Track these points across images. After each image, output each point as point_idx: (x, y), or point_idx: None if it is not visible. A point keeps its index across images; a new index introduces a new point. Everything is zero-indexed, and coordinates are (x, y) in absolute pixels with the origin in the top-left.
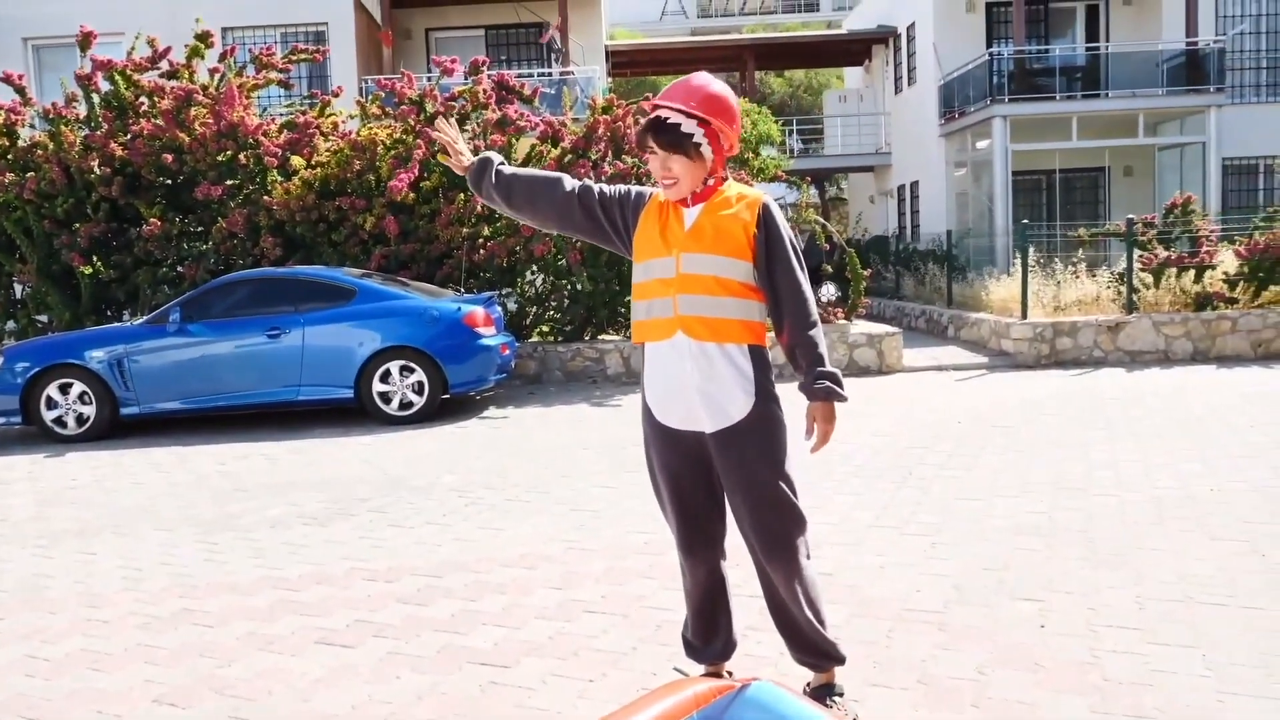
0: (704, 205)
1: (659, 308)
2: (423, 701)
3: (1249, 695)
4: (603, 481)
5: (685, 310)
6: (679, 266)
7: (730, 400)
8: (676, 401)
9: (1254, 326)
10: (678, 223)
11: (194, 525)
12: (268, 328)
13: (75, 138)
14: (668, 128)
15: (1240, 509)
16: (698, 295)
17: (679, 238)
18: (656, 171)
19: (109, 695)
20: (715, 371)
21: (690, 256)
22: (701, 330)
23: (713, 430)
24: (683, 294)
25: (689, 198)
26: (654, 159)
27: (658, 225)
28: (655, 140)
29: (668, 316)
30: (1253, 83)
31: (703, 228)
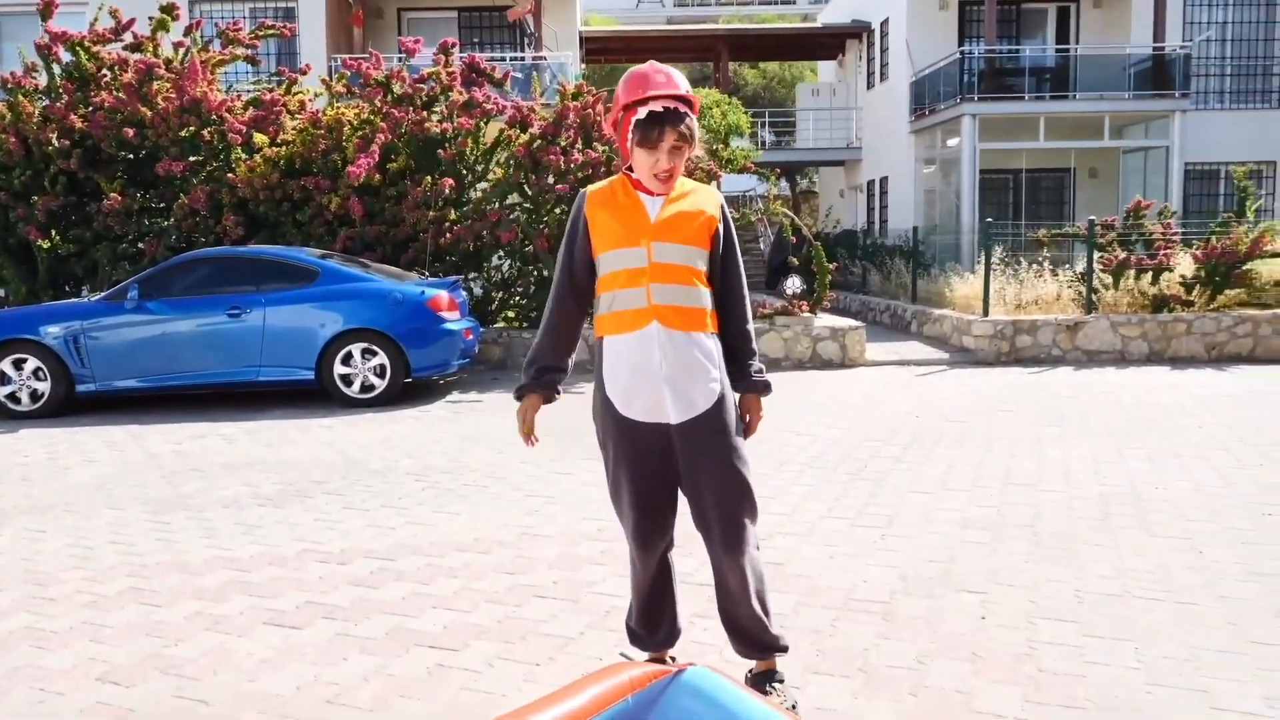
0: (666, 198)
1: (628, 298)
2: (369, 683)
3: (1176, 687)
4: (560, 468)
5: (660, 300)
6: (651, 255)
7: (698, 390)
8: (643, 394)
9: (1208, 329)
10: (639, 213)
11: (146, 504)
12: (228, 307)
13: (34, 109)
14: (681, 118)
15: (1183, 508)
16: (672, 285)
17: (647, 228)
18: (658, 164)
19: (52, 673)
20: (686, 360)
21: (663, 246)
22: (676, 319)
23: (678, 421)
24: (656, 283)
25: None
26: (658, 153)
27: (614, 217)
28: (676, 134)
29: (639, 307)
30: (1217, 89)
31: (671, 218)
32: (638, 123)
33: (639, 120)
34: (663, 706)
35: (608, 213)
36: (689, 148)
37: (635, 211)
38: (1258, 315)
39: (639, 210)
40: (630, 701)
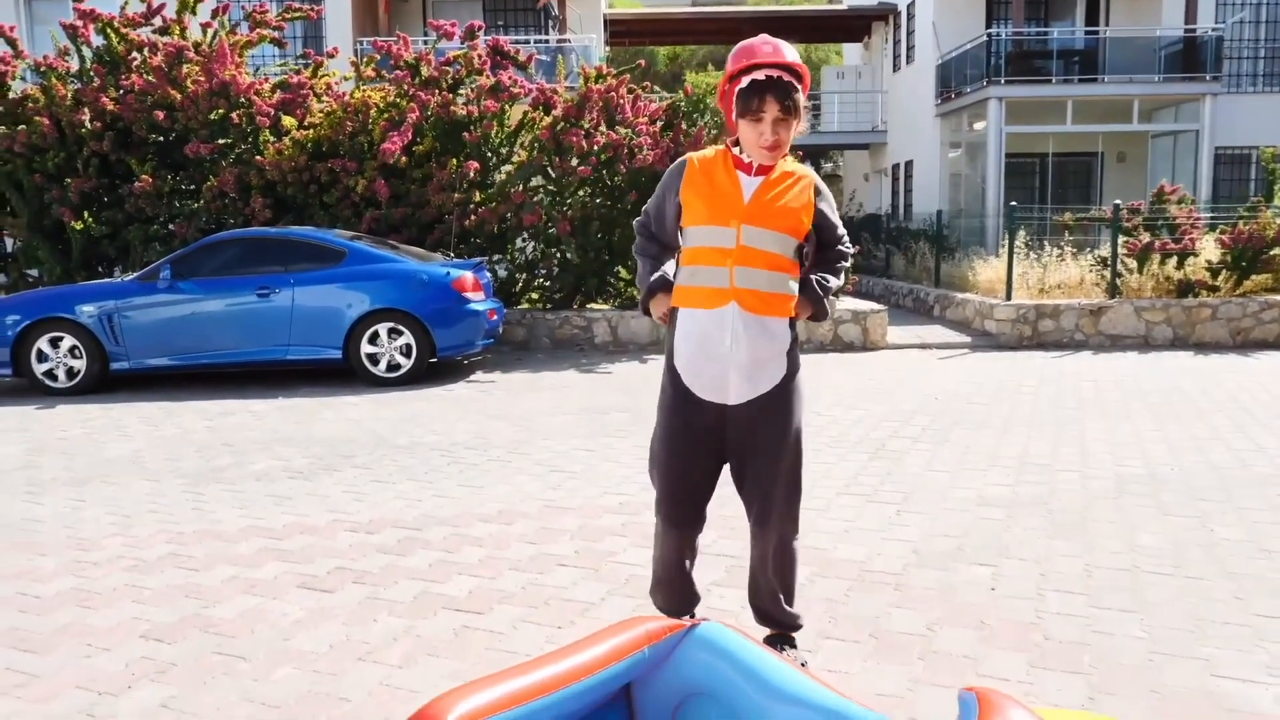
0: (764, 179)
1: (710, 275)
2: (398, 642)
3: (1179, 655)
4: (583, 445)
5: (742, 283)
6: (740, 238)
7: (764, 373)
8: (709, 372)
9: (1234, 314)
10: (734, 191)
11: (181, 477)
12: (258, 287)
13: (66, 91)
14: (787, 88)
15: (1196, 488)
16: (756, 269)
17: (739, 209)
18: (762, 136)
19: (98, 631)
20: (757, 346)
21: (752, 230)
22: (755, 304)
23: (736, 402)
24: (741, 266)
25: (753, 166)
26: (759, 124)
27: (709, 190)
28: (780, 103)
29: (721, 286)
30: (1249, 72)
31: (765, 202)
32: (741, 92)
33: (742, 90)
34: (677, 659)
35: (704, 186)
36: (795, 120)
37: (731, 190)
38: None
39: (734, 189)
40: (647, 653)
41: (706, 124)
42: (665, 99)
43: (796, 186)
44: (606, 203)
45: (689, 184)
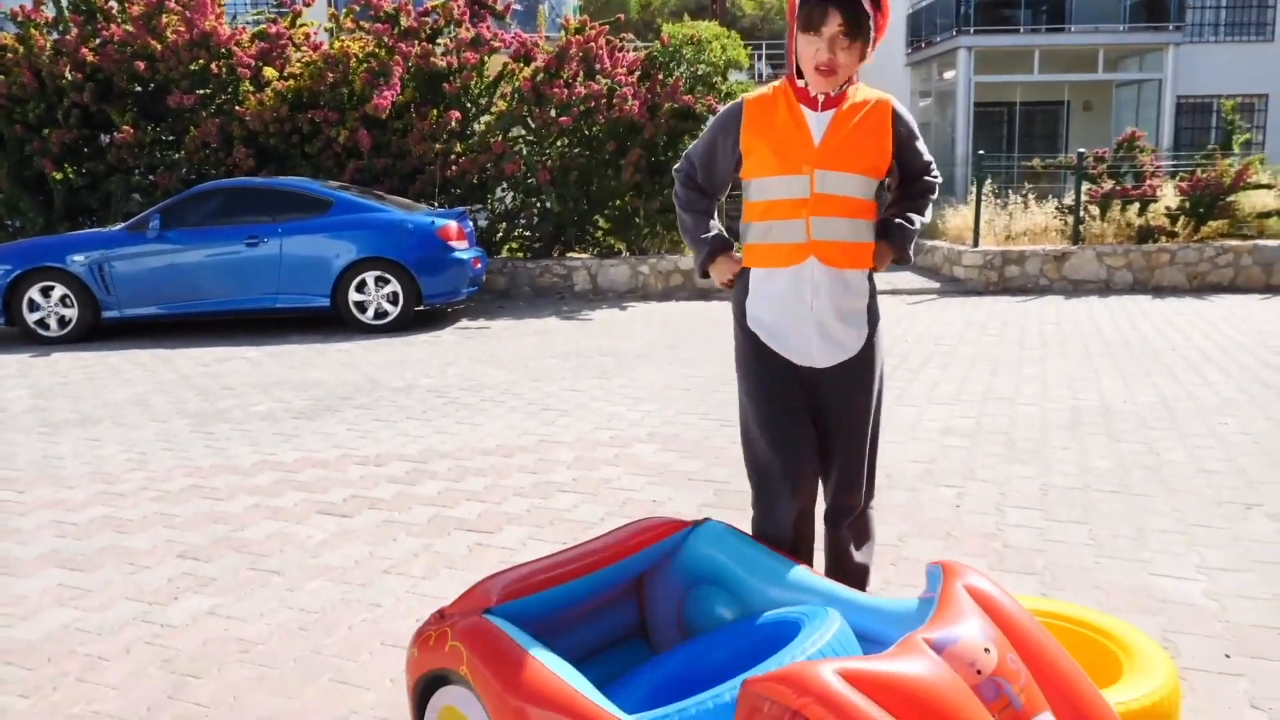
0: (835, 112)
1: (785, 231)
2: (418, 558)
3: (1121, 558)
4: (570, 386)
5: (820, 234)
6: (814, 185)
7: (848, 333)
8: (791, 334)
9: (1190, 259)
10: (801, 133)
11: (188, 418)
12: (246, 236)
13: (46, 42)
14: (853, 4)
15: (1146, 419)
16: (836, 218)
17: (810, 152)
18: (818, 55)
19: (137, 552)
20: (840, 301)
21: (827, 175)
22: (838, 256)
23: (825, 365)
24: (817, 216)
25: (819, 100)
26: (816, 41)
27: (773, 134)
28: (843, 17)
29: (798, 241)
30: (1212, 21)
31: (838, 141)
32: (801, 3)
33: (802, 4)
34: (683, 553)
35: (768, 130)
36: (860, 45)
37: (798, 131)
38: (1239, 246)
39: (802, 130)
40: (656, 547)
41: (683, 74)
42: (643, 48)
43: (873, 116)
44: (585, 153)
45: (750, 128)
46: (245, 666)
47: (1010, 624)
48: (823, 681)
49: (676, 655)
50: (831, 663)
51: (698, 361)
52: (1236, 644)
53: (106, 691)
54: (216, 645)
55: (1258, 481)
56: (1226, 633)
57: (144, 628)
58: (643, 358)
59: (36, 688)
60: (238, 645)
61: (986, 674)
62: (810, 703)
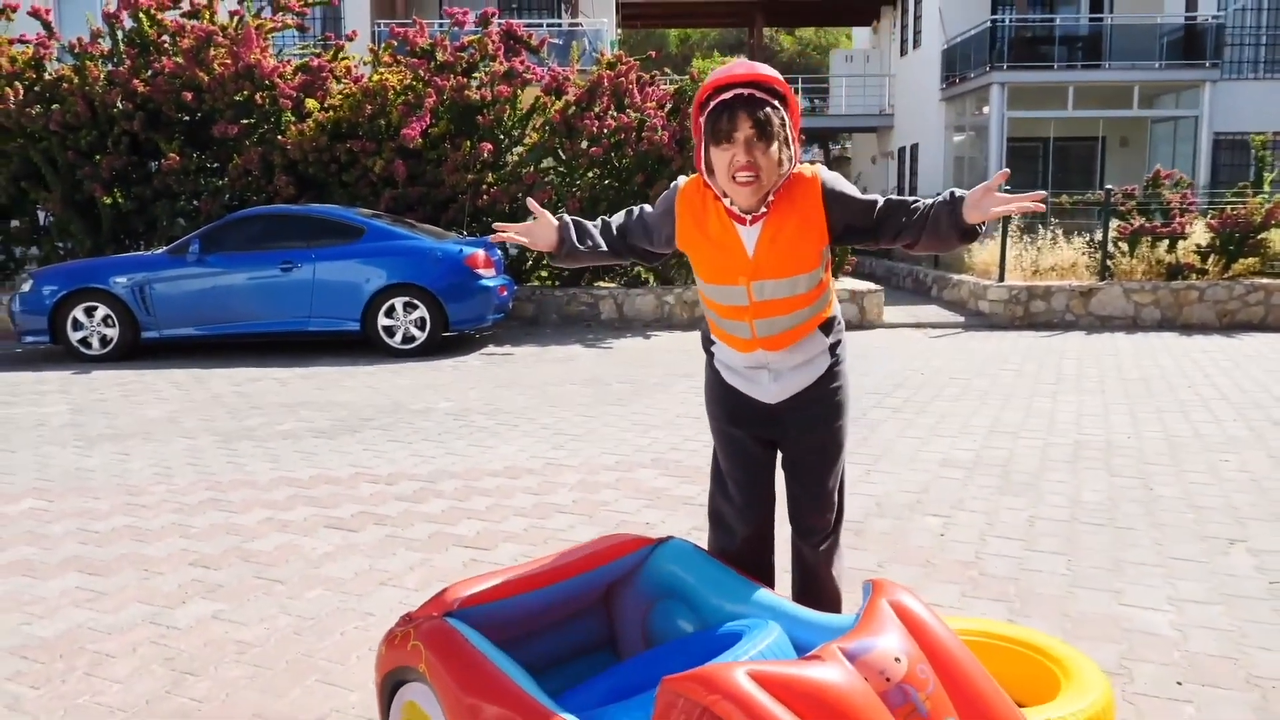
0: (763, 224)
1: (733, 327)
2: (414, 571)
3: (1094, 588)
4: (585, 412)
5: (764, 333)
6: (751, 295)
7: (807, 373)
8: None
9: (1220, 297)
10: (733, 247)
11: (215, 435)
12: (281, 261)
13: (100, 73)
14: (759, 103)
15: (1147, 454)
16: (778, 318)
17: (745, 265)
18: (735, 162)
19: (152, 559)
20: (793, 361)
21: (765, 285)
22: (782, 343)
23: (783, 400)
24: (760, 319)
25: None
26: (729, 148)
27: (707, 245)
28: (753, 119)
29: (744, 338)
30: (1250, 59)
31: (773, 253)
32: (708, 117)
33: (709, 114)
34: (647, 569)
35: (700, 240)
36: (774, 145)
37: (729, 244)
38: (1270, 284)
39: (733, 243)
40: (619, 562)
41: None
42: (675, 82)
43: (804, 209)
44: (614, 184)
45: (684, 228)
46: (240, 666)
47: (927, 637)
48: (732, 681)
49: (633, 664)
50: (743, 665)
51: None
52: (1191, 672)
53: (110, 685)
54: (216, 646)
55: (1246, 518)
56: (1183, 661)
57: (151, 629)
58: (659, 386)
59: (47, 680)
60: (236, 647)
61: (895, 681)
62: (718, 700)
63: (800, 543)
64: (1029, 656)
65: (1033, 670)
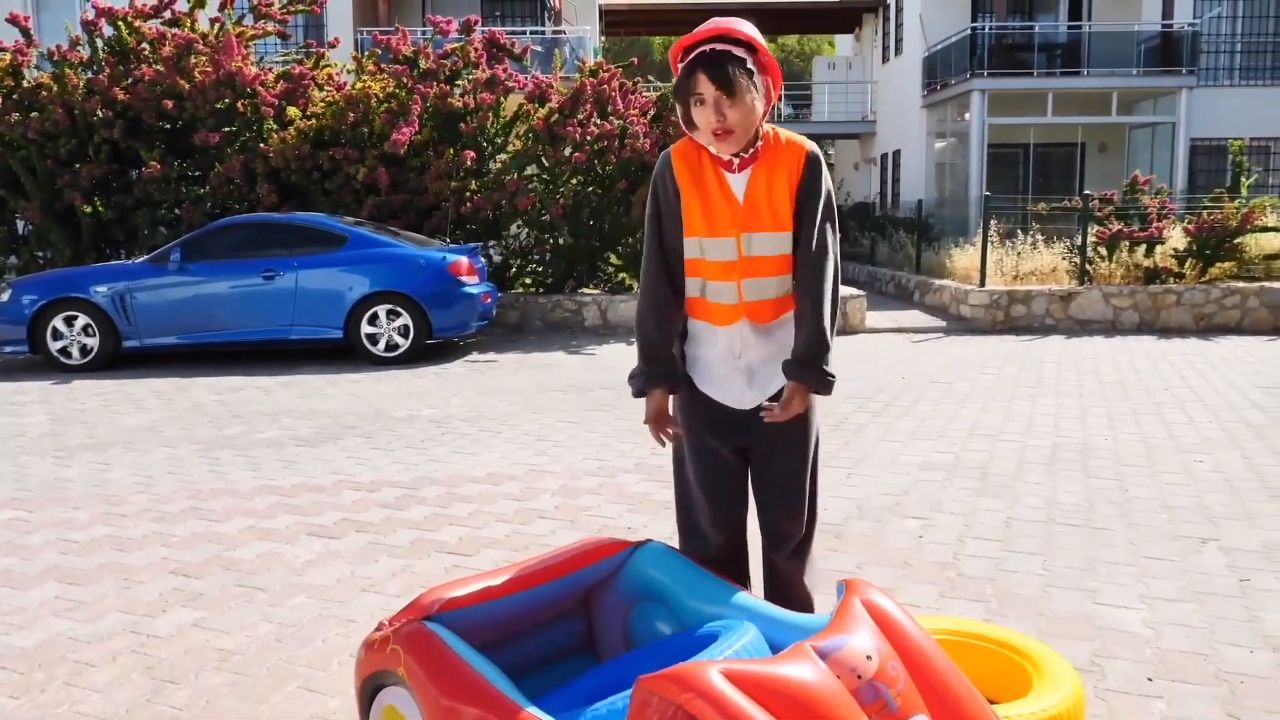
0: (752, 169)
1: (718, 291)
2: (396, 578)
3: (1069, 588)
4: (568, 418)
5: (751, 296)
6: (741, 249)
7: (776, 373)
8: (723, 382)
9: (1197, 301)
10: (724, 193)
11: (196, 444)
12: (263, 269)
13: (79, 81)
14: (719, 59)
15: (1123, 456)
16: (764, 278)
17: (736, 214)
18: (706, 121)
19: (133, 568)
20: (769, 349)
21: (754, 237)
22: (767, 314)
23: (753, 406)
24: (748, 278)
25: (735, 160)
26: (702, 108)
27: (701, 198)
28: (708, 75)
29: (730, 303)
30: (1226, 65)
31: (759, 200)
32: (678, 80)
33: (679, 78)
34: (626, 572)
35: (696, 190)
36: (743, 97)
37: (722, 192)
38: (1245, 288)
39: (725, 191)
40: (599, 565)
41: None
42: (659, 89)
43: (786, 165)
44: (597, 191)
45: (682, 179)
46: (221, 674)
47: (899, 635)
48: (705, 679)
49: (613, 666)
50: (718, 664)
51: None
52: (1163, 668)
53: (90, 694)
54: (197, 654)
55: (1218, 517)
56: (1155, 658)
57: (131, 638)
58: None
59: (26, 690)
60: (217, 654)
61: (867, 679)
62: (692, 698)
63: (772, 551)
64: (1001, 654)
65: (1005, 667)
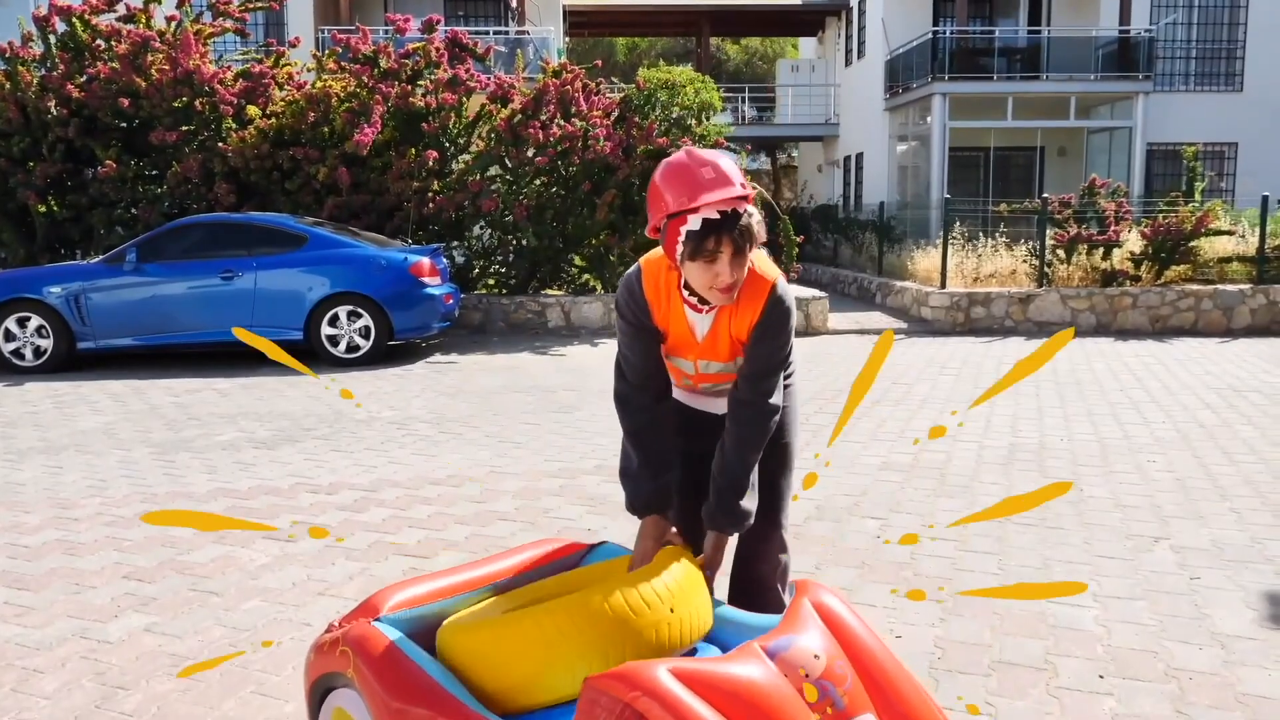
0: (715, 314)
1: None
2: (353, 580)
3: None
4: (530, 420)
5: (706, 392)
6: (698, 368)
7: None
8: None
9: (1153, 303)
10: (684, 329)
11: (151, 447)
12: (221, 270)
13: (32, 78)
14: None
15: (1079, 456)
16: (720, 382)
17: (693, 346)
18: (719, 278)
19: (84, 573)
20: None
21: (709, 363)
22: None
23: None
24: (704, 382)
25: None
26: (711, 268)
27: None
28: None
29: (687, 385)
30: (1181, 71)
31: (719, 339)
32: (690, 235)
33: (691, 232)
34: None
35: (664, 314)
36: (753, 248)
37: (681, 328)
38: (1199, 290)
39: (685, 327)
40: (553, 565)
41: (658, 117)
42: (622, 90)
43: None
44: (561, 192)
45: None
46: (173, 679)
47: (847, 635)
48: (653, 678)
49: None
50: (665, 662)
51: None
52: (1114, 665)
53: (38, 701)
54: (148, 659)
55: (1170, 516)
56: (1106, 655)
57: (81, 643)
58: (604, 393)
59: None
60: (169, 660)
61: (814, 677)
62: (639, 696)
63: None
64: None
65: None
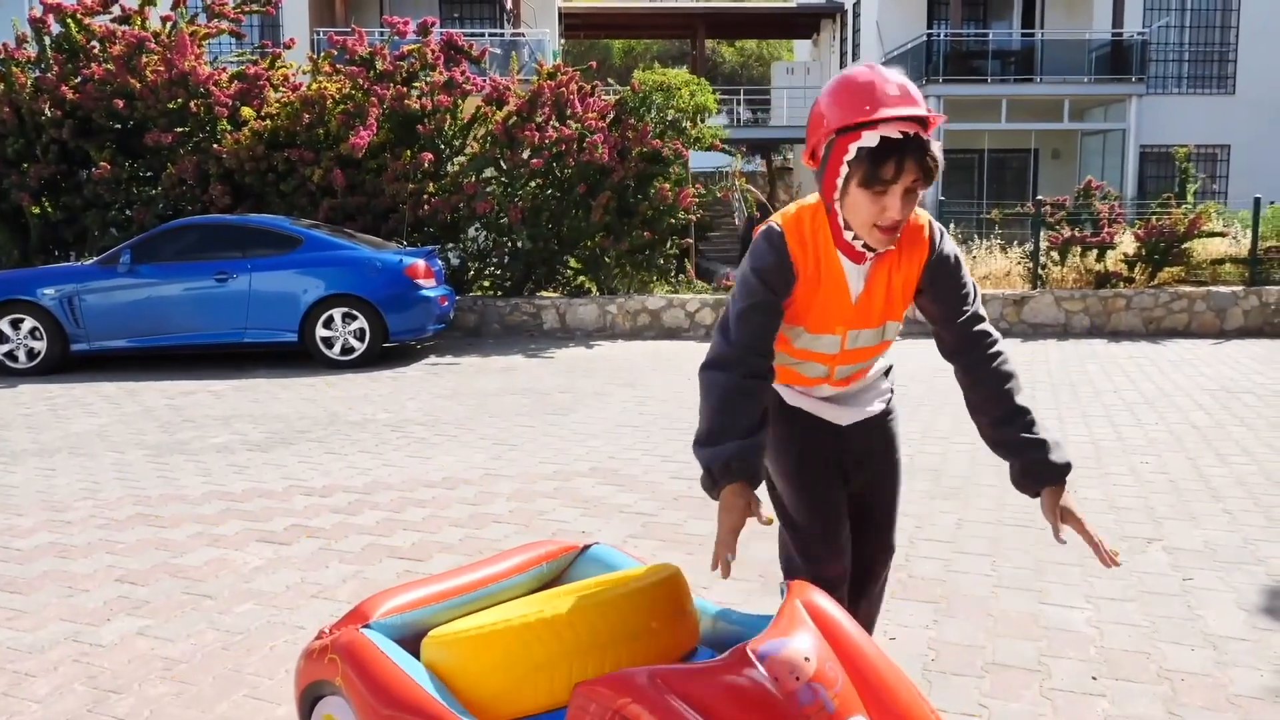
0: (872, 263)
1: (809, 369)
2: (347, 584)
3: (1017, 588)
4: (525, 422)
5: (841, 375)
6: (844, 344)
7: (869, 405)
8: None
9: (1146, 305)
10: (839, 291)
11: (145, 449)
12: (216, 272)
13: (26, 79)
14: (927, 148)
15: (1073, 457)
16: (859, 364)
17: (845, 311)
18: (887, 214)
19: (77, 576)
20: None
21: (860, 333)
22: (851, 380)
23: (848, 424)
24: (843, 365)
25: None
26: (884, 198)
27: (808, 289)
28: (919, 169)
29: (817, 377)
30: (1174, 74)
31: (875, 296)
32: (865, 153)
33: (866, 150)
34: (571, 574)
35: (806, 283)
36: (924, 187)
37: (835, 288)
38: (1193, 292)
39: (839, 287)
40: (545, 568)
41: (653, 120)
42: (617, 93)
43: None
44: (556, 194)
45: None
46: (166, 683)
47: (838, 636)
48: (642, 684)
49: None
50: (654, 669)
51: (652, 399)
52: (1106, 667)
53: (30, 705)
54: (141, 663)
55: (1163, 517)
56: (1099, 656)
57: (73, 647)
58: (599, 395)
59: None
60: (162, 663)
61: (805, 680)
62: (628, 703)
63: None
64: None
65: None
